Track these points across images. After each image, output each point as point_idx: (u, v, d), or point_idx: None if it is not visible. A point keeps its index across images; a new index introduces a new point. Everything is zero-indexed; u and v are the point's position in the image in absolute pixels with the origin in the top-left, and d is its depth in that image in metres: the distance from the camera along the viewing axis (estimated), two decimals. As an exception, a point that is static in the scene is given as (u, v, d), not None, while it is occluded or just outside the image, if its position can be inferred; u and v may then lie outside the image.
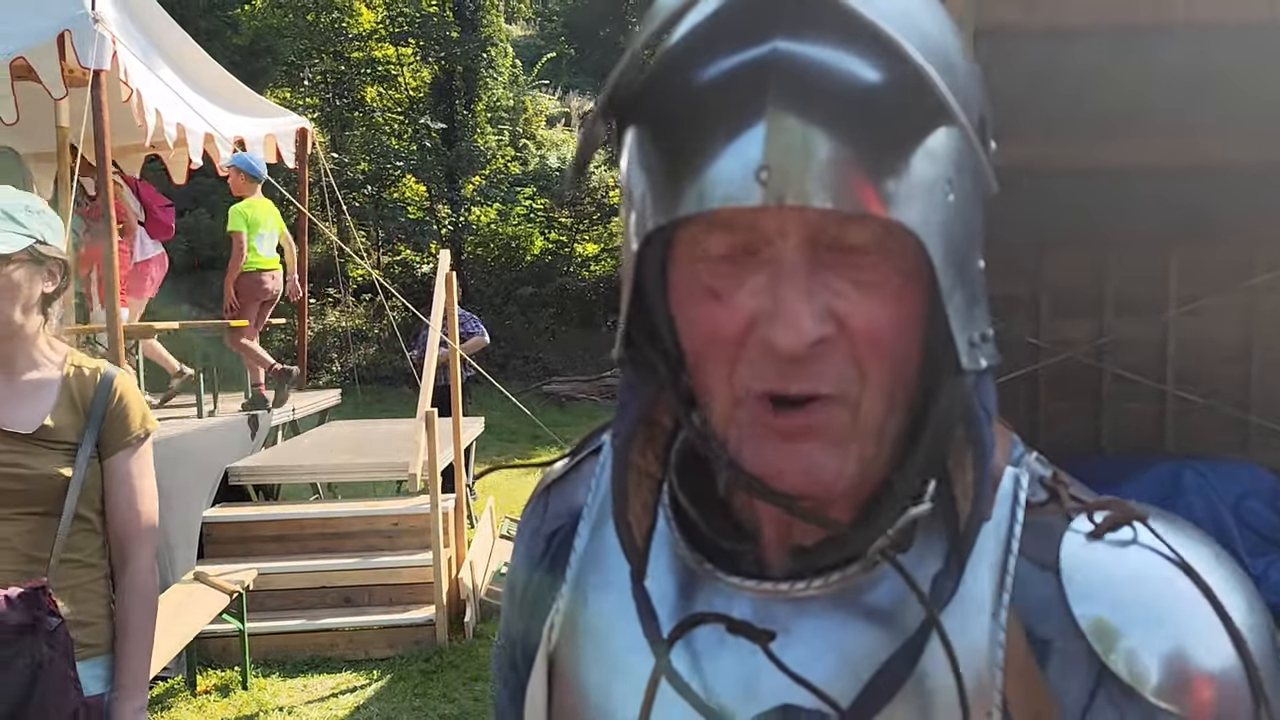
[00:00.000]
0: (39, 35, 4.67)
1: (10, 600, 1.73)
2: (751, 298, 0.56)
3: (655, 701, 0.63)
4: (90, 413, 1.91)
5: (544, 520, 0.77)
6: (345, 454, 6.20)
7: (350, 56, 18.76)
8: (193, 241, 12.31)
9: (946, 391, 0.58)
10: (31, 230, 1.85)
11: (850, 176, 0.52)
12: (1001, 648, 0.59)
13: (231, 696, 4.51)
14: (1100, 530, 0.61)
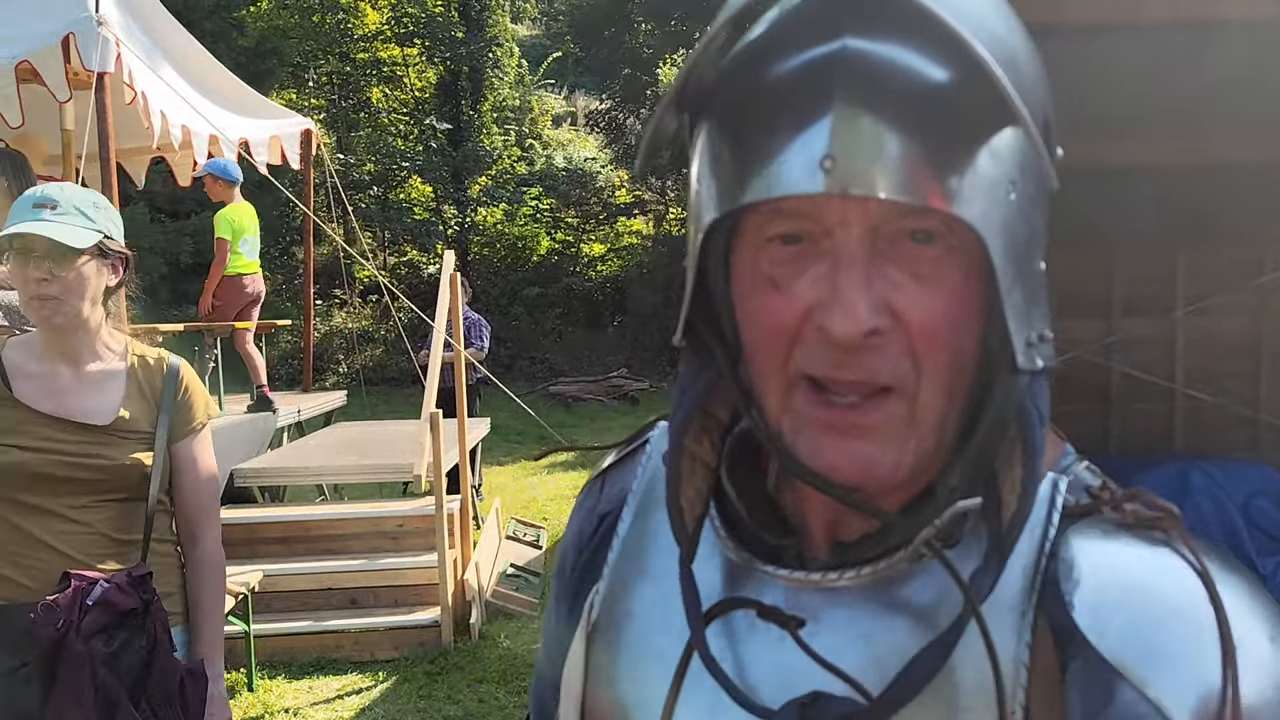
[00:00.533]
0: (44, 38, 4.67)
1: (120, 587, 1.85)
2: (810, 287, 0.57)
3: (685, 683, 0.65)
4: (161, 402, 2.01)
5: (599, 501, 0.79)
6: (351, 456, 6.20)
7: (355, 57, 18.80)
8: (199, 244, 12.31)
9: (1002, 389, 0.59)
10: (100, 225, 1.93)
11: (913, 170, 0.53)
12: (1029, 647, 0.59)
13: (237, 698, 4.51)
14: (1127, 518, 0.60)
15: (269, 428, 6.42)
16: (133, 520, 1.98)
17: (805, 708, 0.61)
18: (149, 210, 11.50)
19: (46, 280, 1.87)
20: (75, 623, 1.79)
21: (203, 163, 6.05)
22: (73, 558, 1.91)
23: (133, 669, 1.84)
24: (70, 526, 1.92)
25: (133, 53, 4.98)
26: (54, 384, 1.95)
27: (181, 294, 12.86)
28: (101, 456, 1.92)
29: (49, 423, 1.92)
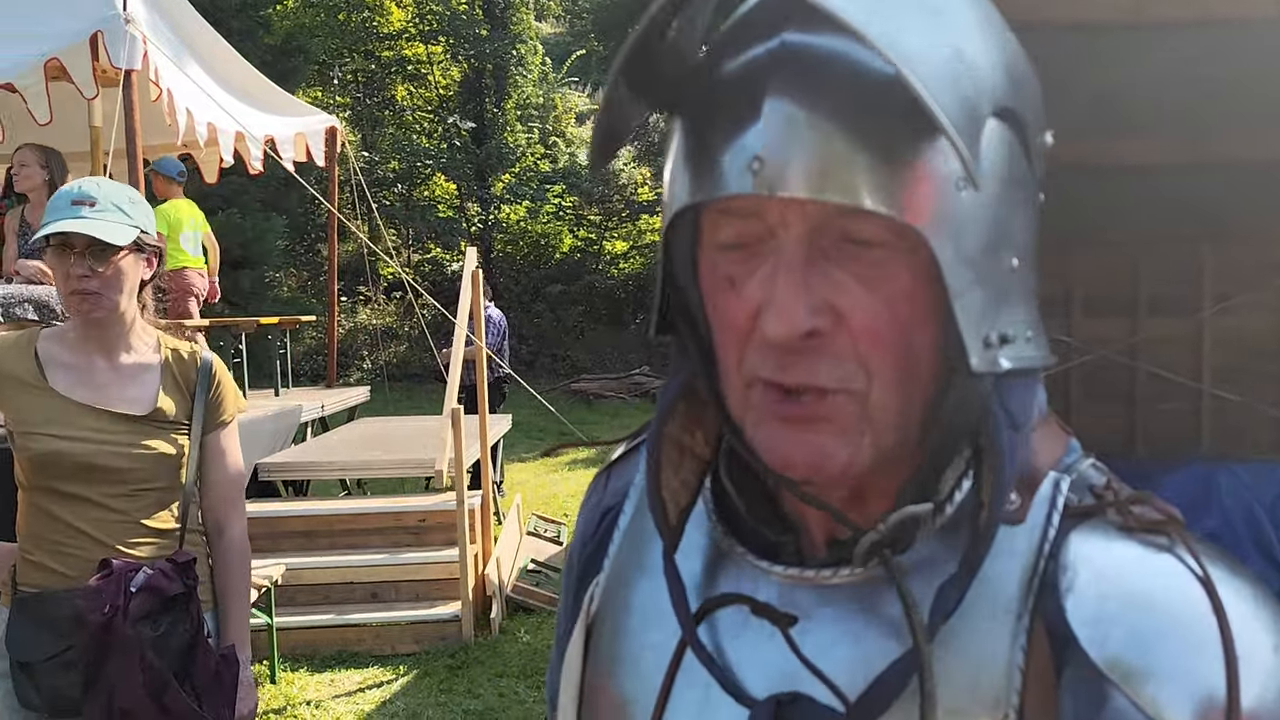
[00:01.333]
0: (72, 36, 4.74)
1: (166, 573, 1.91)
2: (759, 287, 0.57)
3: (678, 677, 0.65)
4: (195, 395, 2.05)
5: (603, 496, 0.79)
6: (373, 450, 6.24)
7: (380, 55, 18.91)
8: (224, 241, 12.41)
9: (956, 392, 0.58)
10: (137, 221, 1.96)
11: (845, 169, 0.52)
12: (1023, 650, 0.58)
13: (260, 690, 4.55)
14: (1129, 522, 0.59)
15: (293, 422, 6.47)
16: (167, 509, 2.02)
17: (783, 705, 0.60)
18: (176, 207, 11.60)
19: (87, 276, 1.90)
20: (122, 607, 1.83)
21: (229, 159, 6.10)
22: (110, 546, 1.94)
23: (178, 652, 1.91)
24: (107, 515, 1.95)
25: (160, 50, 5.04)
26: (90, 375, 1.98)
27: (208, 290, 12.99)
28: (140, 446, 1.96)
29: (88, 413, 1.95)
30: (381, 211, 17.85)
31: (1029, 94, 0.59)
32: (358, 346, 16.32)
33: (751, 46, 0.55)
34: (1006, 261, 0.58)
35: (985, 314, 0.56)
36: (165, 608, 1.90)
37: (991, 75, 0.55)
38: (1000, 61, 0.57)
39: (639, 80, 0.58)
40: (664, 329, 0.66)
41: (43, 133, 4.86)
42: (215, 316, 7.44)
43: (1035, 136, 0.59)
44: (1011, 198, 0.57)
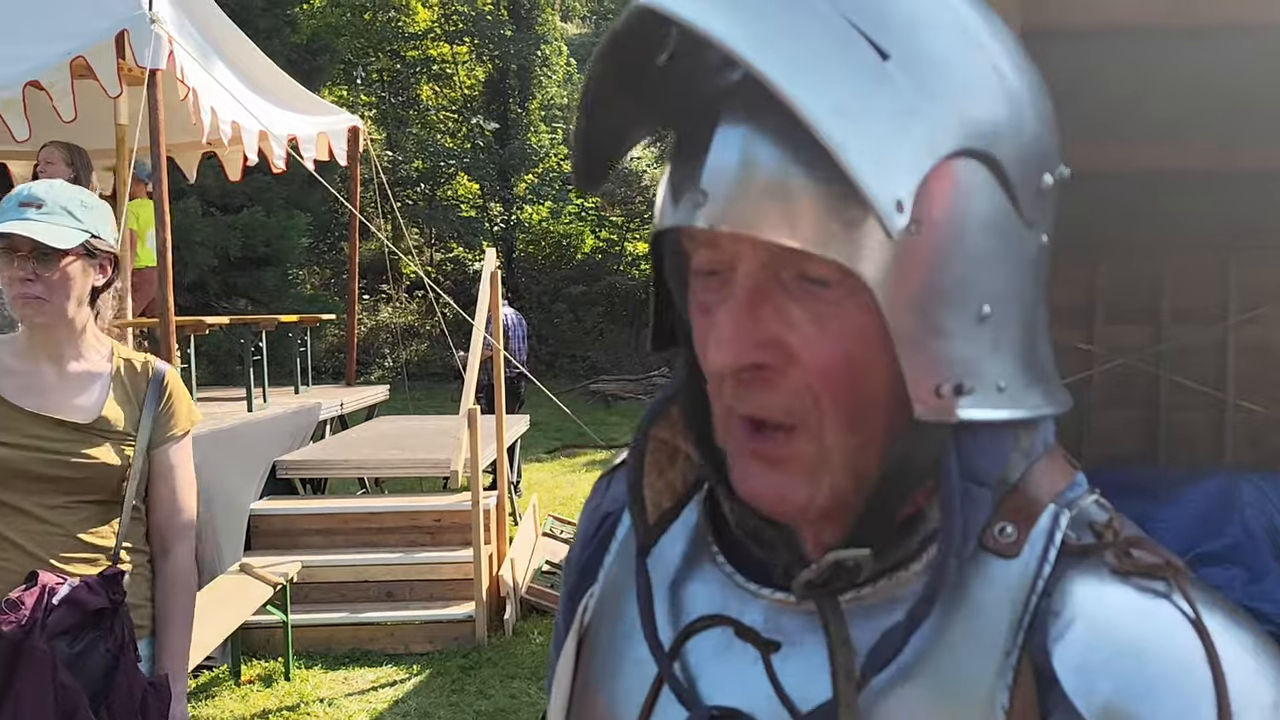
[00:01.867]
0: (98, 35, 4.78)
1: (90, 586, 1.81)
2: None
3: (662, 693, 0.65)
4: (144, 405, 1.97)
5: (602, 501, 0.79)
6: (391, 450, 6.26)
7: (406, 55, 19.01)
8: (248, 238, 12.53)
9: (903, 438, 0.57)
10: (87, 225, 1.89)
11: (785, 207, 0.51)
12: (1008, 689, 0.56)
13: (274, 687, 4.58)
14: (1124, 567, 0.57)
15: (312, 420, 6.50)
16: (107, 524, 1.93)
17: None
18: (200, 204, 11.71)
19: (31, 280, 1.84)
20: (40, 620, 1.73)
21: (253, 158, 6.14)
22: (42, 559, 1.86)
23: (96, 674, 1.78)
24: (41, 527, 1.87)
25: (185, 50, 5.07)
26: (37, 381, 1.91)
27: (230, 286, 13.09)
28: (81, 455, 1.88)
29: (30, 419, 1.88)
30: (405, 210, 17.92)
31: (1019, 135, 0.55)
32: (379, 345, 16.40)
33: (722, 72, 0.55)
34: (972, 311, 0.55)
35: (938, 362, 0.54)
36: (87, 624, 1.79)
37: (954, 117, 0.52)
38: (970, 103, 0.53)
39: (638, 86, 0.58)
40: (662, 343, 0.67)
41: (68, 130, 4.91)
42: (236, 314, 7.50)
43: (1027, 178, 0.56)
44: (981, 244, 0.54)
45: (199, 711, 4.30)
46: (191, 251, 11.47)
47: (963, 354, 0.55)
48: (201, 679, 4.64)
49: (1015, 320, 0.57)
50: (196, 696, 4.46)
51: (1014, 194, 0.55)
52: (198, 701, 4.41)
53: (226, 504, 5.04)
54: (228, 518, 5.05)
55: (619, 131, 0.60)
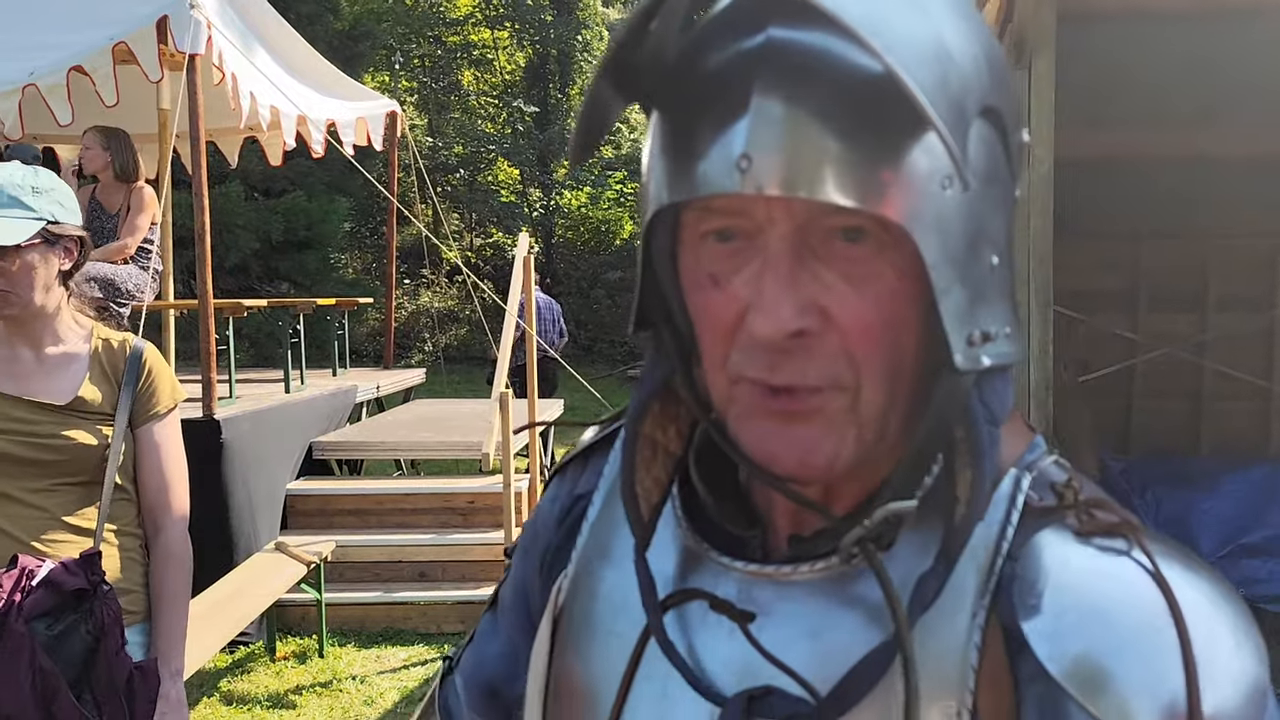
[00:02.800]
0: (140, 21, 4.84)
1: (67, 567, 1.78)
2: (745, 285, 0.57)
3: (640, 666, 0.66)
4: (122, 384, 1.95)
5: (577, 481, 0.79)
6: (425, 432, 6.32)
7: (447, 40, 19.07)
8: (290, 221, 12.68)
9: (941, 389, 0.58)
10: (41, 212, 1.86)
11: (832, 167, 0.52)
12: (977, 649, 0.58)
13: (308, 663, 4.66)
14: (1085, 528, 0.59)
15: (348, 402, 6.58)
16: (91, 506, 1.92)
17: (754, 700, 0.61)
18: (243, 188, 11.87)
19: None
20: (18, 603, 1.70)
21: (290, 143, 6.19)
22: (22, 541, 1.85)
23: (76, 657, 1.74)
24: (24, 510, 1.87)
25: (224, 35, 5.13)
26: (15, 367, 1.91)
27: (272, 270, 13.26)
28: (59, 437, 1.88)
29: (8, 403, 1.88)
30: (445, 195, 18.02)
31: (1009, 92, 0.59)
32: (419, 329, 16.54)
33: (736, 40, 0.55)
34: (987, 259, 0.58)
35: (968, 312, 0.56)
36: (66, 606, 1.75)
37: (976, 73, 0.55)
38: (983, 58, 0.56)
39: (620, 76, 0.57)
40: (641, 325, 0.66)
41: (111, 115, 4.99)
42: (278, 297, 7.60)
43: (1014, 135, 0.59)
44: (992, 196, 0.57)
45: (234, 686, 4.39)
46: (234, 235, 11.64)
47: (985, 302, 0.57)
48: (238, 654, 4.73)
49: (1009, 268, 0.60)
50: (232, 672, 4.55)
51: (1008, 148, 0.58)
52: (233, 677, 4.49)
53: (264, 483, 5.13)
54: (265, 497, 5.14)
55: (604, 111, 0.60)
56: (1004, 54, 0.60)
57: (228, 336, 5.45)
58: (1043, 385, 2.68)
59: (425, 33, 18.90)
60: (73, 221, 1.93)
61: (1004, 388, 0.61)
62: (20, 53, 4.87)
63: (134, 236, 4.88)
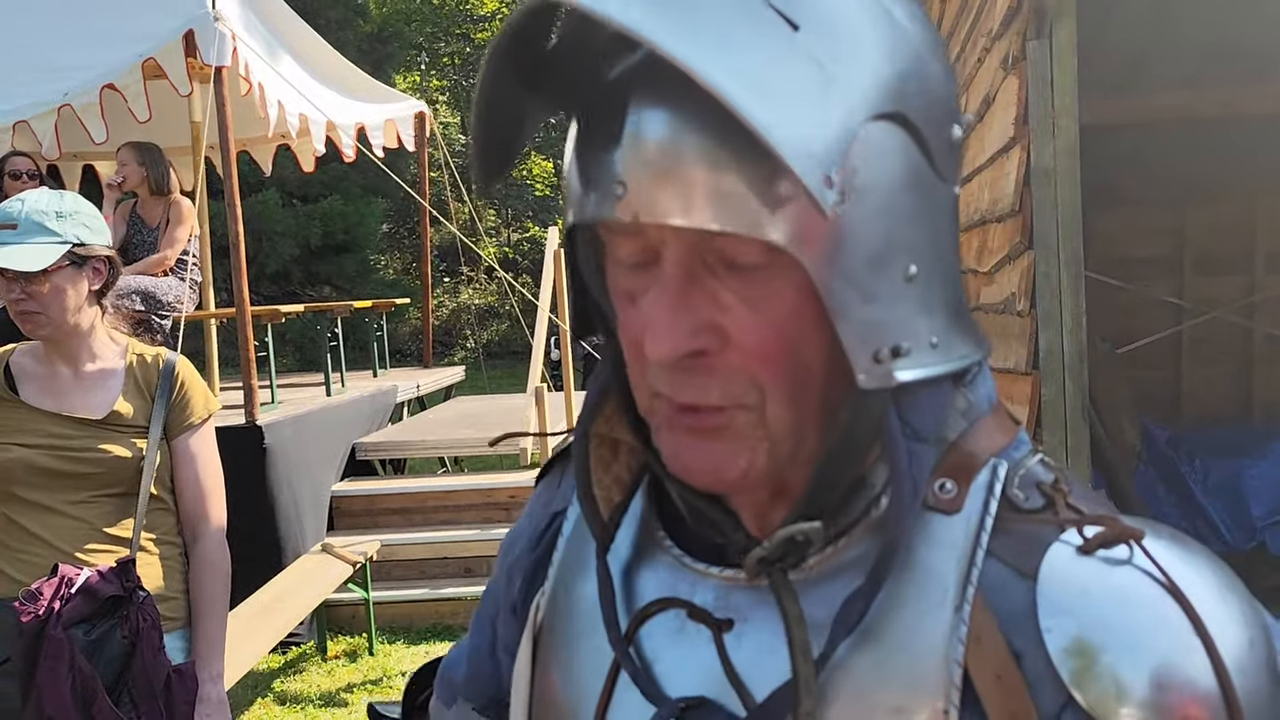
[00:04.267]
0: (167, 35, 4.92)
1: (104, 575, 1.86)
2: (648, 305, 0.56)
3: (620, 679, 0.65)
4: (156, 397, 2.01)
5: (555, 495, 0.78)
6: (466, 429, 6.37)
7: (476, 38, 19.14)
8: (328, 226, 12.82)
9: (848, 407, 0.56)
10: (66, 235, 1.92)
11: (709, 193, 0.50)
12: (961, 642, 0.56)
13: (359, 661, 4.73)
14: (1089, 546, 0.56)
15: (389, 402, 6.65)
16: (130, 516, 1.97)
17: (686, 710, 0.61)
18: (280, 195, 12.02)
19: (23, 299, 1.90)
20: (57, 610, 1.77)
21: (320, 148, 6.25)
22: (65, 552, 1.91)
23: (114, 660, 1.81)
24: (64, 521, 1.93)
25: (248, 46, 5.19)
26: (54, 384, 1.98)
27: (313, 274, 13.44)
28: (96, 450, 1.94)
29: (48, 419, 1.95)
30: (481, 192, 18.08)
31: (927, 89, 0.55)
32: (461, 326, 16.66)
33: (626, 55, 0.53)
34: (899, 271, 0.55)
35: (874, 329, 0.54)
36: (102, 612, 1.82)
37: (868, 80, 0.52)
38: (881, 62, 0.53)
39: (532, 76, 0.56)
40: (585, 331, 0.67)
41: (143, 129, 5.08)
42: (321, 300, 7.68)
43: (939, 132, 0.56)
44: (904, 205, 0.54)
45: (287, 686, 4.46)
46: (273, 242, 11.81)
47: (896, 316, 0.55)
48: (290, 655, 4.81)
49: (939, 275, 0.57)
50: (285, 672, 4.63)
51: (928, 150, 0.55)
52: (286, 677, 4.57)
53: (308, 486, 5.20)
54: (310, 499, 5.21)
55: (514, 125, 0.58)
56: (929, 48, 0.56)
57: (267, 343, 5.53)
58: (1076, 357, 2.62)
59: (453, 31, 19.00)
60: (100, 242, 1.99)
61: (932, 401, 0.59)
62: (53, 74, 4.98)
63: (173, 248, 4.96)
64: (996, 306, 3.08)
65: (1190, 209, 5.57)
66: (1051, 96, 2.52)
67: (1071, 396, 2.65)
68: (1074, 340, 2.66)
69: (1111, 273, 4.93)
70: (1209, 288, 5.66)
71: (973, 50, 3.50)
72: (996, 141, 2.99)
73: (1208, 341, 5.61)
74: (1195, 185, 5.43)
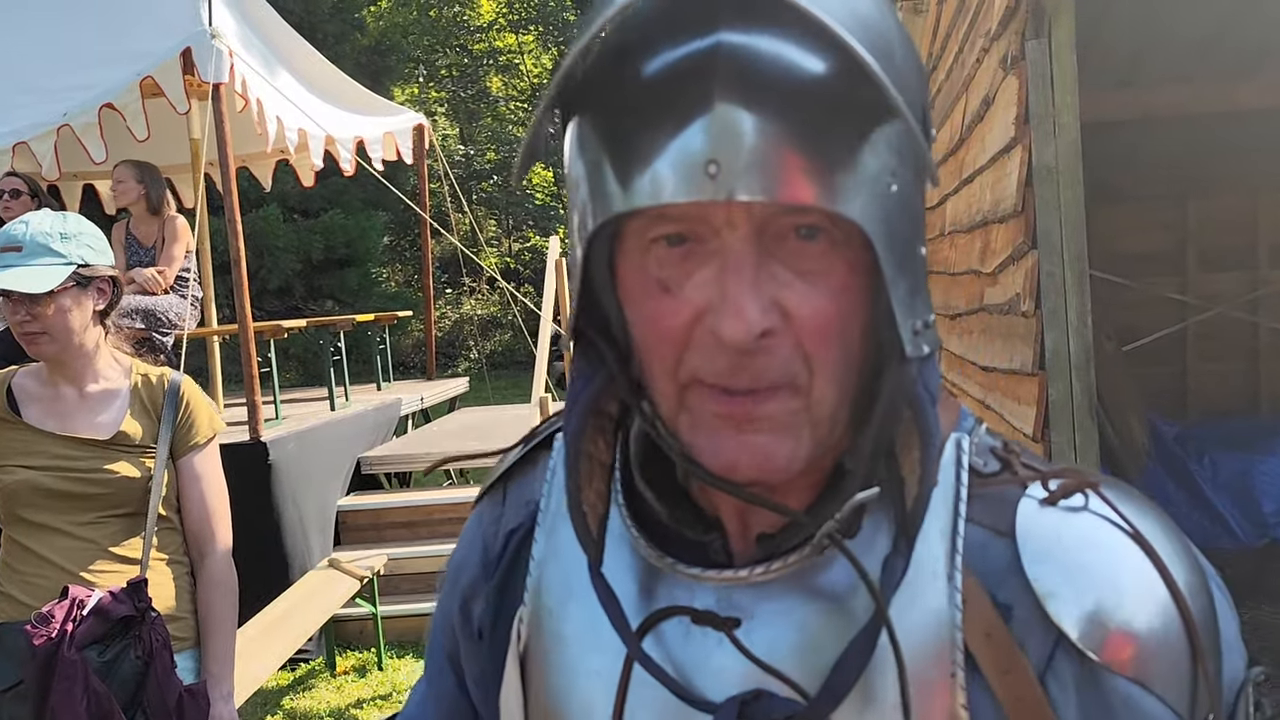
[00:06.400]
0: (165, 54, 4.92)
1: (115, 595, 1.86)
2: (699, 290, 0.56)
3: (629, 700, 0.64)
4: (162, 418, 2.01)
5: (503, 513, 0.76)
6: (471, 440, 6.35)
7: (473, 49, 19.19)
8: (329, 240, 12.84)
9: (892, 378, 0.60)
10: (71, 256, 1.92)
11: (796, 169, 0.53)
12: (959, 609, 0.60)
13: (368, 677, 4.71)
14: (1054, 497, 0.62)
15: (393, 416, 6.64)
16: (136, 536, 1.98)
17: (746, 705, 0.61)
18: (281, 210, 12.03)
19: (27, 320, 1.91)
20: (70, 632, 1.78)
21: (318, 163, 6.25)
22: (72, 573, 1.91)
23: (128, 681, 1.82)
24: (72, 543, 1.94)
25: (246, 62, 5.19)
26: (58, 405, 1.99)
27: (315, 289, 13.44)
28: (103, 471, 1.94)
29: (53, 440, 1.95)
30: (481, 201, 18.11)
31: (922, 80, 0.61)
32: (464, 337, 16.66)
33: (680, 45, 0.54)
34: (919, 250, 0.59)
35: (911, 303, 0.58)
36: (115, 633, 1.83)
37: (913, 71, 0.58)
38: (911, 54, 0.59)
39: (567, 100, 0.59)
40: (581, 339, 0.66)
41: (142, 148, 5.08)
42: (323, 315, 7.69)
43: (927, 121, 0.61)
44: (921, 189, 0.59)
45: (297, 703, 4.45)
46: (275, 257, 11.81)
47: (918, 293, 0.59)
48: (299, 671, 4.79)
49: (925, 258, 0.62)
50: (294, 689, 4.62)
51: (925, 145, 0.58)
52: (296, 694, 4.56)
53: (314, 501, 5.19)
54: (316, 514, 5.20)
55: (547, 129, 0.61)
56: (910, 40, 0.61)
57: (271, 358, 5.52)
58: (1083, 355, 2.60)
59: (451, 42, 19.04)
60: (104, 262, 2.00)
61: (935, 370, 0.64)
62: (52, 95, 4.97)
63: (171, 267, 4.96)
64: (1001, 307, 3.07)
65: (1191, 204, 5.56)
66: (1052, 95, 2.51)
67: (1079, 396, 2.64)
68: (1080, 339, 2.65)
69: (1113, 270, 4.91)
70: (1212, 283, 5.65)
71: (971, 50, 3.49)
72: (997, 142, 2.98)
73: (1213, 337, 5.60)
74: (1196, 180, 5.43)
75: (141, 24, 5.09)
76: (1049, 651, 0.59)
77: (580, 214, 0.59)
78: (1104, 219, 4.95)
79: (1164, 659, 0.59)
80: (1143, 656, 0.59)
